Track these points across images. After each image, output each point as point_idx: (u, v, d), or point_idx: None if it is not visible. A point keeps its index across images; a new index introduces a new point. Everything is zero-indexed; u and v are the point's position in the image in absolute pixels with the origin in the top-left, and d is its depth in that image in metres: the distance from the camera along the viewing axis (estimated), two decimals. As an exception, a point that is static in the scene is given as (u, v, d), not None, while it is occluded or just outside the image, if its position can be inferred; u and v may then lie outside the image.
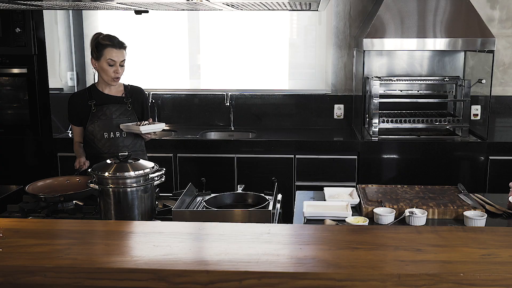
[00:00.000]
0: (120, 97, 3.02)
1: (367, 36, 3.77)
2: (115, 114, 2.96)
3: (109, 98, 3.00)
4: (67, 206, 2.40)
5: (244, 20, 4.49)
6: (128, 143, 2.99)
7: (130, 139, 2.99)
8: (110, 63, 2.89)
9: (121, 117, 2.96)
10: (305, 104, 4.51)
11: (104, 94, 3.00)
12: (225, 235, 1.64)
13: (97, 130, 2.93)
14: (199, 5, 2.20)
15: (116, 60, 2.89)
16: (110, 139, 2.94)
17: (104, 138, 2.93)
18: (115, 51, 2.89)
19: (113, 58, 2.88)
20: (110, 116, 2.94)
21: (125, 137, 2.97)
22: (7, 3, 2.16)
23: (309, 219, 2.35)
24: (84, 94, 3.01)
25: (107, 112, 2.95)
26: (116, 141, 2.95)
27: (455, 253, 1.48)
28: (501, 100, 4.41)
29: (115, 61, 2.89)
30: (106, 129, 2.93)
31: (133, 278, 1.39)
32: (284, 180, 3.91)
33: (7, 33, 3.91)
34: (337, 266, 1.41)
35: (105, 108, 2.95)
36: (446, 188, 2.67)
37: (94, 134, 2.93)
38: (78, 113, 2.98)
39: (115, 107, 2.97)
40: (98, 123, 2.93)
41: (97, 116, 2.93)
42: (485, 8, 4.26)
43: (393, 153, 3.90)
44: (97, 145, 2.93)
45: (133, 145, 3.02)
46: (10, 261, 1.46)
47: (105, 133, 2.93)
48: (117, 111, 2.97)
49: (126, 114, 2.99)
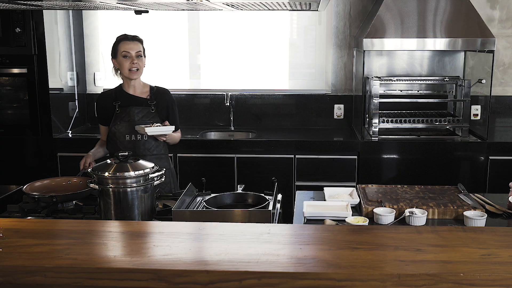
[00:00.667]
0: (144, 98, 2.98)
1: (367, 36, 3.77)
2: (137, 116, 2.92)
3: (133, 99, 2.97)
4: (67, 206, 2.40)
5: (244, 20, 4.49)
6: (150, 146, 2.94)
7: (152, 142, 2.95)
8: (124, 54, 2.90)
9: (144, 120, 2.92)
10: (305, 104, 4.51)
11: (129, 94, 2.97)
12: (225, 235, 1.63)
13: (120, 132, 2.90)
14: (199, 5, 2.20)
15: (130, 51, 2.89)
16: (132, 141, 2.91)
17: (126, 140, 2.90)
18: (128, 42, 2.91)
19: (127, 50, 2.89)
20: (132, 118, 2.91)
21: (147, 140, 2.93)
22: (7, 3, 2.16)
23: (309, 219, 2.35)
24: (111, 94, 3.00)
25: (130, 114, 2.92)
26: (138, 143, 2.92)
27: (455, 253, 1.48)
28: (501, 100, 4.41)
29: (130, 52, 2.89)
30: (128, 131, 2.90)
31: (133, 278, 1.39)
32: (284, 180, 3.91)
33: (7, 33, 3.91)
34: (337, 266, 1.40)
35: (128, 109, 2.92)
36: (446, 188, 2.67)
37: (116, 135, 2.91)
38: (104, 113, 2.96)
39: (138, 109, 2.93)
40: (121, 125, 2.91)
41: (120, 118, 2.91)
42: (485, 8, 4.26)
43: (393, 153, 3.90)
44: (120, 146, 2.89)
45: (155, 147, 2.97)
46: (10, 261, 1.46)
47: (127, 135, 2.90)
48: (140, 113, 2.93)
49: (149, 117, 2.94)
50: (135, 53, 2.90)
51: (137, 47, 2.92)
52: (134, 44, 2.92)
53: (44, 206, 2.36)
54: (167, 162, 3.07)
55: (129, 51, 2.89)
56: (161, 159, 2.98)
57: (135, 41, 2.93)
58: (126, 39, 2.93)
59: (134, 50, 2.90)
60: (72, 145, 4.07)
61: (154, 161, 2.91)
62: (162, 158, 3.00)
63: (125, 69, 2.91)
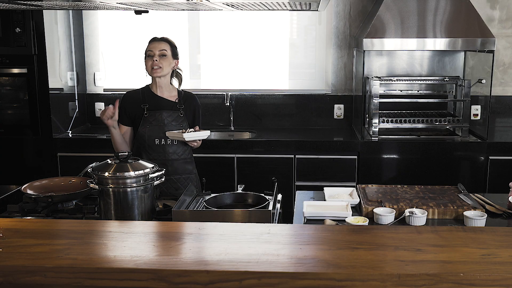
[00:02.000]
0: (173, 102, 2.97)
1: (367, 36, 3.77)
2: (167, 120, 2.91)
3: (163, 102, 2.95)
4: (67, 206, 2.40)
5: (244, 20, 4.49)
6: (179, 150, 2.94)
7: (180, 146, 2.94)
8: (149, 54, 2.91)
9: (173, 124, 2.91)
10: (305, 104, 4.51)
11: (158, 96, 2.95)
12: (225, 235, 1.63)
13: (148, 136, 2.88)
14: (199, 5, 2.20)
15: (153, 50, 2.90)
16: (161, 145, 2.89)
17: (155, 144, 2.89)
18: (154, 43, 2.93)
19: (151, 49, 2.91)
20: (162, 122, 2.90)
21: (176, 144, 2.92)
22: (7, 3, 2.16)
23: (309, 219, 2.35)
24: (138, 95, 2.97)
25: (160, 118, 2.90)
26: (166, 148, 2.90)
27: (455, 253, 1.48)
28: (501, 100, 4.41)
29: (153, 51, 2.90)
30: (158, 135, 2.89)
31: (133, 278, 1.39)
32: (284, 180, 3.91)
33: (7, 33, 3.91)
34: (337, 266, 1.40)
35: (158, 113, 2.90)
36: (446, 188, 2.67)
37: (145, 139, 2.89)
38: (130, 114, 2.93)
39: (168, 113, 2.92)
40: (150, 128, 2.89)
41: (149, 121, 2.89)
42: (485, 8, 4.26)
43: (393, 153, 3.90)
44: (147, 150, 2.88)
45: (183, 152, 2.96)
46: (10, 261, 1.46)
47: (156, 139, 2.89)
48: (170, 117, 2.92)
49: (178, 121, 2.94)
50: (158, 52, 2.90)
51: (161, 46, 2.92)
52: (159, 43, 2.93)
53: (44, 206, 2.36)
54: (193, 166, 3.06)
55: (153, 50, 2.91)
56: (188, 163, 2.99)
57: (161, 41, 2.94)
58: (154, 40, 2.96)
59: (158, 49, 2.90)
60: (72, 145, 4.07)
61: (184, 165, 2.95)
62: (189, 162, 3.00)
63: (148, 68, 2.92)
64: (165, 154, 2.89)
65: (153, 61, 2.88)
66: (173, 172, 2.90)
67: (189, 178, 2.98)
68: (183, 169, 2.96)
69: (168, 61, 2.92)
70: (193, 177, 3.01)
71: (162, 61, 2.90)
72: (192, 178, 3.00)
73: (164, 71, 2.91)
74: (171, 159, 2.90)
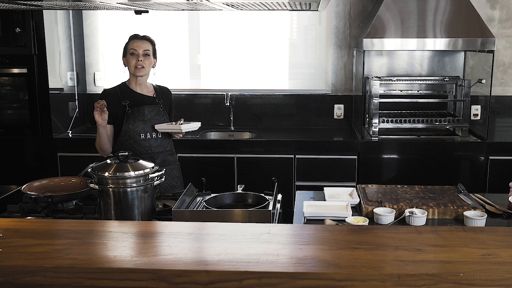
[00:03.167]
0: (152, 97, 3.04)
1: (367, 36, 3.77)
2: (150, 115, 2.98)
3: (142, 98, 3.01)
4: (67, 206, 2.40)
5: (244, 20, 4.49)
6: (162, 143, 3.02)
7: (164, 139, 3.03)
8: (132, 52, 2.94)
9: (156, 118, 2.99)
10: (305, 104, 4.51)
11: (137, 93, 3.01)
12: (225, 235, 1.63)
13: (135, 131, 2.94)
14: (199, 5, 2.20)
15: (137, 49, 2.93)
16: (147, 139, 2.96)
17: (140, 139, 2.95)
18: (137, 41, 2.96)
19: (135, 47, 2.93)
20: (145, 117, 2.96)
21: (160, 137, 3.01)
22: (7, 3, 2.16)
23: (309, 219, 2.35)
24: (116, 93, 3.01)
25: (142, 113, 2.96)
26: (151, 141, 2.98)
27: (455, 253, 1.48)
28: (501, 100, 4.41)
29: (137, 50, 2.93)
30: (143, 130, 2.95)
31: (133, 278, 1.39)
32: (284, 180, 3.91)
33: (7, 33, 3.91)
34: (337, 266, 1.40)
35: (140, 109, 2.96)
36: (446, 188, 2.67)
37: (130, 135, 2.94)
38: (111, 111, 2.93)
39: (149, 108, 2.99)
40: (135, 124, 2.94)
41: (133, 117, 2.94)
42: (485, 8, 4.26)
43: (393, 153, 3.90)
44: (134, 146, 2.93)
45: (167, 144, 3.06)
46: (10, 261, 1.45)
47: (142, 134, 2.95)
48: (152, 112, 2.99)
49: (160, 114, 3.02)
50: (142, 51, 2.94)
51: (145, 45, 2.96)
52: (143, 42, 2.96)
53: (44, 206, 2.36)
54: (175, 157, 3.15)
55: (136, 49, 2.94)
56: (172, 155, 3.10)
57: (144, 40, 2.98)
58: (136, 38, 2.99)
59: (142, 49, 2.94)
60: (72, 145, 4.07)
61: (168, 157, 3.05)
62: (172, 153, 3.11)
63: (132, 66, 2.96)
64: (151, 148, 2.97)
65: (137, 61, 2.93)
66: (161, 164, 2.96)
67: (174, 168, 3.08)
68: (169, 160, 3.06)
69: (150, 60, 2.99)
70: (176, 168, 3.12)
71: (145, 60, 2.95)
72: (176, 168, 3.11)
73: (146, 71, 2.98)
74: (157, 152, 3.00)
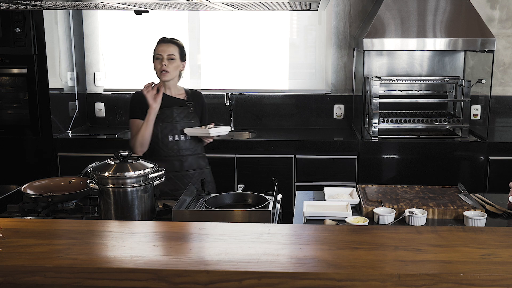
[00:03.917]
0: (182, 100, 3.04)
1: (367, 36, 3.77)
2: (179, 117, 2.97)
3: (173, 100, 3.01)
4: (67, 206, 2.40)
5: (244, 20, 4.49)
6: (191, 146, 3.00)
7: (193, 142, 3.01)
8: (157, 56, 2.95)
9: (184, 120, 2.98)
10: (305, 104, 4.51)
11: (167, 95, 3.00)
12: (225, 235, 1.63)
13: (163, 133, 2.93)
14: (199, 5, 2.20)
15: (162, 54, 2.93)
16: (175, 141, 2.95)
17: (168, 140, 2.94)
18: (163, 45, 2.97)
19: (160, 52, 2.94)
20: (174, 119, 2.96)
21: (189, 140, 2.99)
22: (7, 3, 2.16)
23: (309, 219, 2.35)
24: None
25: (171, 115, 2.96)
26: (179, 144, 2.96)
27: (455, 253, 1.48)
28: (501, 100, 4.41)
29: (161, 55, 2.93)
30: (171, 132, 2.94)
31: (133, 278, 1.39)
32: (284, 180, 3.91)
33: (7, 33, 3.91)
34: (337, 266, 1.40)
35: (169, 111, 2.96)
36: (446, 188, 2.67)
37: (158, 136, 2.93)
38: (143, 109, 2.93)
39: (179, 110, 2.98)
40: (163, 126, 2.93)
41: (161, 119, 2.94)
42: (485, 8, 4.26)
43: (393, 153, 3.90)
44: (161, 147, 2.93)
45: (195, 148, 3.02)
46: (10, 261, 1.45)
47: (170, 135, 2.94)
48: (181, 114, 2.99)
49: (189, 117, 3.01)
50: (166, 56, 2.94)
51: (170, 49, 2.95)
52: (168, 46, 2.96)
53: (44, 206, 2.36)
54: (206, 161, 3.12)
55: (161, 53, 2.94)
56: (201, 158, 3.07)
57: (170, 44, 2.97)
58: (162, 42, 2.99)
59: (166, 53, 2.94)
60: (72, 145, 4.07)
61: (199, 160, 3.03)
62: (201, 157, 3.08)
63: (158, 71, 2.97)
64: (179, 150, 2.96)
65: (162, 65, 2.93)
66: (188, 167, 2.98)
67: (203, 173, 3.04)
68: (197, 164, 3.03)
69: (176, 64, 2.97)
70: (207, 172, 3.09)
71: (170, 65, 2.94)
72: (206, 173, 3.07)
73: (171, 75, 2.97)
74: (185, 154, 2.97)
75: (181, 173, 2.96)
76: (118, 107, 4.60)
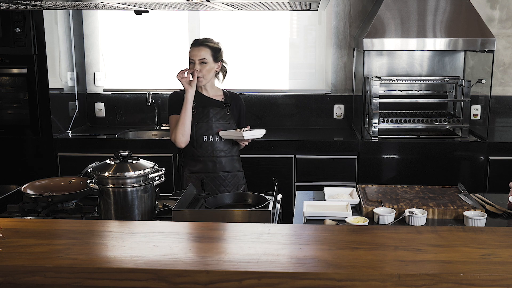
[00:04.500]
0: (219, 101, 3.03)
1: (367, 36, 3.77)
2: (215, 118, 2.97)
3: (210, 101, 3.00)
4: (67, 206, 2.40)
5: (244, 20, 4.48)
6: (226, 147, 2.99)
7: (227, 144, 2.99)
8: (190, 61, 2.96)
9: (220, 121, 2.97)
10: (305, 104, 4.51)
11: (204, 96, 3.00)
12: (225, 235, 1.63)
13: (198, 133, 2.93)
14: (199, 5, 2.20)
15: (194, 58, 2.93)
16: (209, 142, 2.94)
17: (203, 141, 2.94)
18: (194, 49, 2.96)
19: (191, 57, 2.95)
20: (210, 119, 2.95)
21: (223, 141, 2.97)
22: (7, 3, 2.16)
23: (309, 219, 2.35)
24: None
25: (207, 115, 2.95)
26: (214, 144, 2.95)
27: (455, 253, 1.48)
28: (501, 100, 4.41)
29: (193, 59, 2.94)
30: (206, 132, 2.94)
31: (133, 278, 1.39)
32: (284, 180, 3.91)
33: (7, 33, 3.91)
34: (337, 266, 1.40)
35: (205, 110, 2.96)
36: (446, 188, 2.67)
37: (193, 136, 2.93)
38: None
39: (215, 110, 2.98)
40: (198, 125, 2.93)
41: (197, 119, 2.94)
42: (485, 8, 4.26)
43: (393, 153, 3.90)
44: (195, 147, 2.93)
45: (230, 149, 3.01)
46: (10, 261, 1.45)
47: (204, 136, 2.94)
48: (217, 115, 2.98)
49: (226, 118, 2.99)
50: (198, 60, 2.94)
51: (201, 53, 2.94)
52: (199, 50, 2.95)
53: (44, 206, 2.36)
54: (240, 164, 3.09)
55: (193, 58, 2.95)
56: (236, 161, 3.04)
57: (201, 47, 2.96)
58: (193, 45, 2.98)
59: (198, 57, 2.94)
60: (72, 145, 4.07)
61: (233, 162, 3.00)
62: (236, 159, 3.05)
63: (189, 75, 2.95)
64: (213, 151, 2.95)
65: (194, 70, 2.93)
66: (221, 169, 2.96)
67: (236, 175, 3.03)
68: (231, 166, 3.01)
69: (208, 67, 2.96)
70: (240, 175, 3.06)
71: (202, 69, 2.94)
72: (239, 176, 3.05)
73: (205, 80, 2.97)
74: (219, 156, 2.96)
75: (213, 174, 2.95)
76: (118, 107, 4.60)
